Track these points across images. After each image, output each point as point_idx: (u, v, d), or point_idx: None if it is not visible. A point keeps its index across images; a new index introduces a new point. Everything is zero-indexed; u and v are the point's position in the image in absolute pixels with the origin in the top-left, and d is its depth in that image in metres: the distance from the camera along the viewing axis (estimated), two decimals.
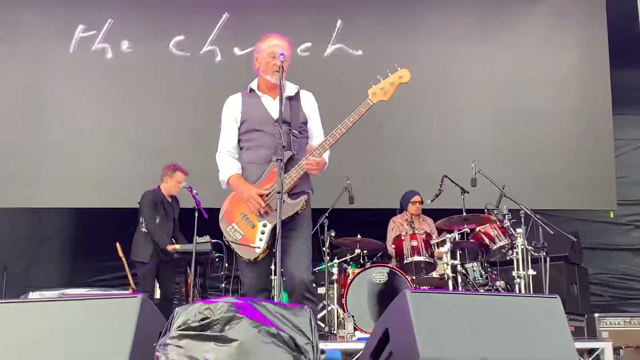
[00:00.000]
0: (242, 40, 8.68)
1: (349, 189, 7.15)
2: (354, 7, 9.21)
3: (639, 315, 6.82)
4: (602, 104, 9.27)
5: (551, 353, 2.80)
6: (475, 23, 9.30)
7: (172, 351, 2.33)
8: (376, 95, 4.10)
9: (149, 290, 6.93)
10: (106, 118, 8.79)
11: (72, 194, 8.58)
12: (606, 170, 9.20)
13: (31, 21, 8.90)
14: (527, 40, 9.33)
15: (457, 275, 6.77)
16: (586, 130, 9.24)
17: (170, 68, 8.90)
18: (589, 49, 9.42)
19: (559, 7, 9.49)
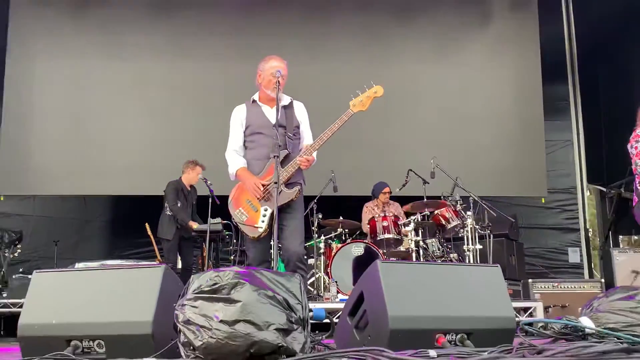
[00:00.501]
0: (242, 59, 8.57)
1: (334, 180, 7.15)
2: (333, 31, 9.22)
3: (564, 281, 6.84)
4: (536, 112, 9.31)
5: (493, 310, 2.79)
6: (432, 47, 9.32)
7: (188, 310, 2.32)
8: (356, 107, 4.14)
9: (172, 262, 6.94)
10: (138, 121, 8.78)
11: (110, 183, 8.58)
12: (539, 165, 9.23)
13: (75, 42, 8.84)
14: (473, 60, 9.35)
15: (419, 249, 6.79)
16: (523, 133, 9.27)
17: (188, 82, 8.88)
18: (525, 66, 9.43)
19: (499, 33, 9.51)
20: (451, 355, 2.18)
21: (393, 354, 2.13)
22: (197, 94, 8.87)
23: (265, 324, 2.22)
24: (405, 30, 9.29)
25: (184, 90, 8.88)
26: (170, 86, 8.87)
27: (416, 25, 9.36)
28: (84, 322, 2.63)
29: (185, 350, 2.31)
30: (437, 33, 9.33)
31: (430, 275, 2.84)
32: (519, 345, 2.44)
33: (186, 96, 8.87)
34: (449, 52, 9.33)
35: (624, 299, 2.88)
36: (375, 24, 9.28)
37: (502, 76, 9.42)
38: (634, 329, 2.71)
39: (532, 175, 9.20)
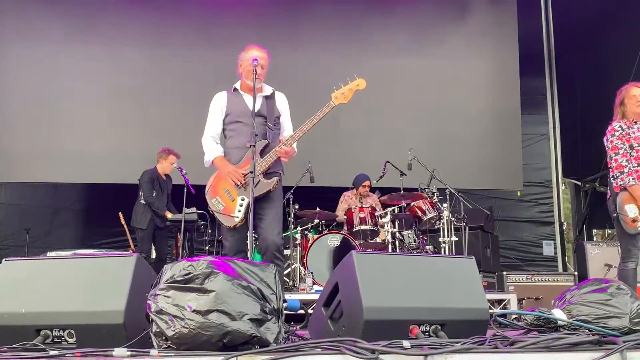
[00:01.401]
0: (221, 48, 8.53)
1: (310, 170, 7.14)
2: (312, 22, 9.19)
3: (538, 273, 6.93)
4: (513, 105, 9.38)
5: (467, 302, 2.82)
6: (411, 39, 9.33)
7: (161, 300, 2.30)
8: (338, 99, 4.15)
9: (146, 251, 6.90)
10: (112, 107, 8.66)
11: (83, 171, 8.47)
12: (515, 158, 9.31)
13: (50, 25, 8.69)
14: (452, 53, 9.38)
15: (395, 240, 6.81)
16: (500, 126, 9.34)
17: (162, 67, 8.78)
18: (503, 60, 9.50)
19: (478, 26, 9.55)
20: (425, 346, 2.20)
21: (367, 344, 2.13)
22: (173, 81, 8.78)
23: (239, 314, 2.21)
24: (385, 21, 9.29)
25: (160, 78, 8.78)
26: (146, 73, 8.78)
27: (395, 17, 9.36)
28: (54, 311, 2.60)
29: (157, 340, 2.29)
30: (416, 25, 9.35)
31: (406, 266, 2.86)
32: (492, 336, 2.47)
33: (162, 84, 8.78)
34: (428, 44, 9.36)
35: (596, 292, 2.93)
36: (355, 15, 9.26)
37: (480, 69, 9.48)
38: (605, 321, 2.76)
39: (508, 168, 9.29)
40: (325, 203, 7.47)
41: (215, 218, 4.12)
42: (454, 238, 6.74)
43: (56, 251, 6.75)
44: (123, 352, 2.18)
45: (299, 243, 6.90)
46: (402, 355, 2.11)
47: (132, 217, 7.06)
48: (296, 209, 6.98)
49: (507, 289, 6.53)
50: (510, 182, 9.42)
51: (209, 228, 7.10)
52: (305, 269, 6.51)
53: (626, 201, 4.49)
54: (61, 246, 7.73)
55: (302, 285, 6.33)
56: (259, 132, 4.01)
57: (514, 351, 2.24)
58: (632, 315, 2.79)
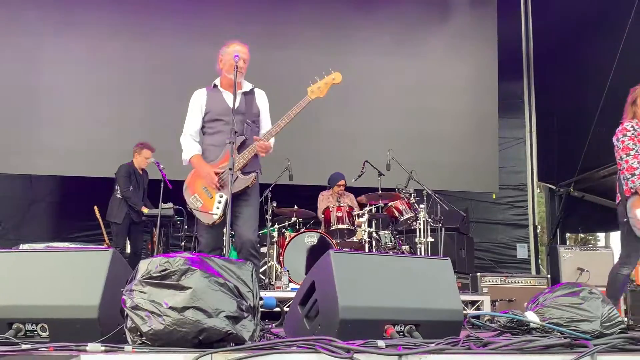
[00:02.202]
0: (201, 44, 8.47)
1: (289, 168, 7.14)
2: (296, 20, 9.17)
3: (511, 275, 7.00)
4: (491, 108, 9.47)
5: (442, 303, 2.84)
6: (393, 40, 9.35)
7: (136, 296, 2.29)
8: (314, 93, 4.15)
9: (121, 246, 6.83)
10: (89, 101, 8.54)
11: (58, 163, 8.37)
12: (491, 161, 9.40)
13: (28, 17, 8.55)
14: (432, 55, 9.45)
15: (372, 240, 6.82)
16: (477, 129, 9.41)
17: (141, 61, 8.70)
18: (482, 63, 9.57)
19: (459, 29, 9.62)
20: (399, 346, 2.21)
21: (342, 343, 2.14)
22: (151, 75, 8.70)
23: (215, 311, 2.21)
24: (366, 21, 9.31)
25: (139, 71, 8.70)
26: (125, 66, 8.68)
27: (377, 17, 9.38)
28: (27, 304, 2.57)
29: (132, 335, 2.28)
30: (397, 26, 9.38)
31: (382, 266, 2.87)
32: (465, 337, 2.50)
33: (141, 77, 8.70)
34: (409, 45, 9.40)
35: (568, 295, 2.97)
36: (337, 13, 9.27)
37: (459, 72, 9.54)
38: (576, 325, 2.80)
39: (485, 171, 9.38)
40: (304, 201, 7.46)
41: (192, 215, 4.11)
42: (430, 239, 6.79)
43: (29, 244, 6.66)
44: (97, 347, 2.16)
45: (276, 241, 6.88)
46: (376, 355, 2.12)
47: (108, 211, 6.99)
48: (274, 206, 6.96)
49: (481, 291, 6.60)
50: (486, 184, 9.51)
51: (185, 224, 7.05)
52: (281, 267, 6.50)
53: (636, 205, 4.35)
54: (34, 239, 7.61)
55: (278, 283, 6.32)
56: (238, 129, 4.00)
57: (487, 352, 2.26)
58: (603, 319, 2.83)
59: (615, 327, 2.84)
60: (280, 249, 6.73)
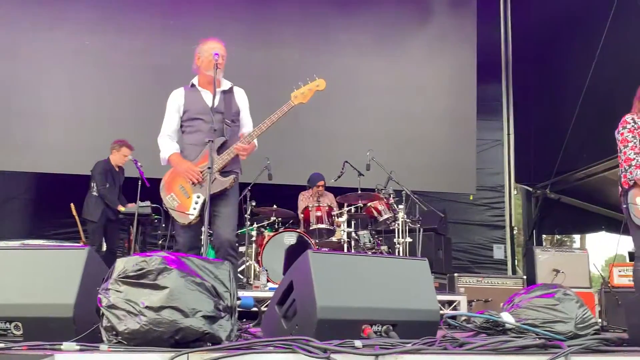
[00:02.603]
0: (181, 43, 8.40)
1: (269, 167, 7.12)
2: (275, 19, 9.14)
3: (488, 276, 7.07)
4: (469, 110, 9.54)
5: (419, 303, 2.86)
6: (373, 41, 9.39)
7: (112, 295, 2.27)
8: (297, 98, 4.15)
9: (97, 244, 6.76)
10: (66, 97, 8.47)
11: (34, 159, 8.26)
12: (469, 163, 9.48)
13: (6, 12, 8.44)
14: (412, 56, 9.51)
15: (351, 240, 6.84)
16: (456, 130, 9.49)
17: (121, 59, 8.61)
18: (461, 65, 9.65)
19: (438, 30, 9.69)
20: (376, 346, 2.22)
21: (319, 343, 2.14)
22: (129, 72, 8.63)
23: (192, 311, 2.20)
24: (347, 22, 9.34)
25: (117, 69, 8.61)
26: (103, 63, 8.60)
27: (358, 18, 9.41)
28: (1, 303, 2.53)
29: (107, 335, 2.26)
30: (378, 27, 9.42)
31: (360, 266, 2.88)
32: (441, 337, 2.51)
33: (120, 74, 8.61)
34: (389, 47, 9.44)
35: (544, 296, 3.00)
36: (317, 14, 9.27)
37: (438, 73, 9.61)
38: (551, 326, 2.83)
39: (463, 172, 9.45)
40: (283, 201, 7.45)
41: (169, 214, 4.08)
42: (408, 239, 6.83)
43: (4, 241, 6.58)
44: (72, 346, 2.14)
45: (254, 240, 6.87)
46: (353, 355, 2.12)
47: (84, 208, 6.91)
48: (253, 205, 6.95)
49: (457, 291, 6.65)
50: (464, 185, 9.58)
51: (162, 222, 7.01)
52: (260, 267, 6.49)
53: (637, 194, 4.33)
54: (9, 236, 7.51)
55: (257, 283, 6.31)
56: (218, 128, 3.97)
57: (463, 353, 2.28)
58: (578, 321, 2.87)
59: (589, 328, 2.88)
60: (259, 249, 6.72)
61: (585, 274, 6.93)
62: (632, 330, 2.95)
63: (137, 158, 6.96)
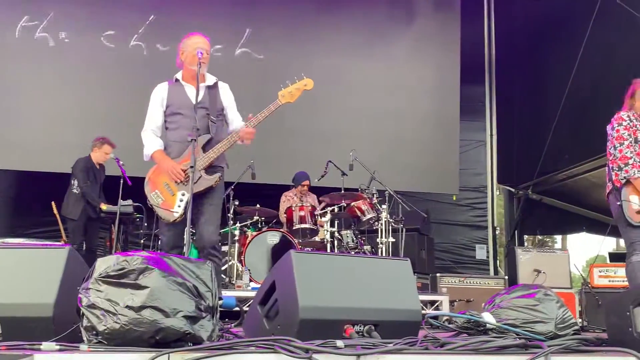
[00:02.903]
0: (165, 38, 8.47)
1: (252, 167, 7.11)
2: (262, 18, 9.11)
3: (470, 276, 7.11)
4: (453, 111, 9.60)
5: (401, 303, 2.87)
6: (357, 41, 9.39)
7: (93, 294, 2.25)
8: (284, 97, 4.14)
9: (78, 243, 6.68)
10: (46, 95, 8.37)
11: (14, 157, 8.18)
12: (452, 163, 9.53)
13: None
14: (396, 57, 9.53)
15: (334, 240, 6.85)
16: (439, 131, 9.53)
17: (103, 56, 8.55)
18: (445, 66, 9.70)
19: (423, 31, 9.74)
20: (358, 346, 2.23)
21: (301, 343, 2.14)
22: (112, 70, 8.56)
23: (173, 310, 2.19)
24: (332, 21, 9.35)
25: (98, 65, 8.53)
26: (83, 59, 8.52)
27: (343, 18, 9.42)
28: None
29: (87, 334, 2.24)
30: (363, 27, 9.43)
31: (343, 266, 2.89)
32: (423, 337, 2.52)
33: (100, 71, 8.54)
34: (373, 47, 9.45)
35: (524, 297, 3.03)
36: (303, 12, 9.27)
37: (423, 74, 9.65)
38: (531, 326, 2.86)
39: (446, 172, 9.50)
40: (266, 200, 7.44)
41: (152, 211, 4.05)
42: (391, 239, 6.85)
43: None
44: (51, 346, 2.12)
45: (237, 239, 6.85)
46: (335, 355, 2.13)
47: (63, 206, 6.82)
48: (236, 205, 6.93)
49: (440, 291, 6.68)
50: (447, 186, 9.63)
51: (144, 221, 6.96)
52: (242, 266, 6.48)
53: (631, 192, 4.24)
54: None
55: (239, 282, 6.30)
56: (202, 124, 3.95)
57: (444, 353, 2.29)
58: (558, 321, 2.89)
59: (569, 328, 2.91)
60: (242, 248, 6.71)
61: (566, 274, 6.99)
62: (611, 330, 2.98)
63: (119, 156, 6.91)
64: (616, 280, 6.31)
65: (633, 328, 2.70)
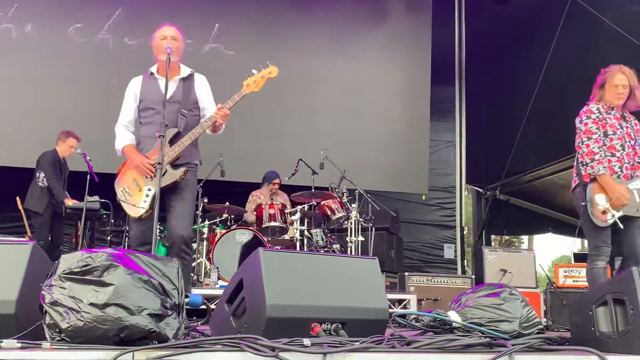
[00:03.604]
0: (132, 32, 8.37)
1: (221, 164, 7.07)
2: (232, 13, 9.05)
3: (437, 275, 7.17)
4: (423, 111, 9.67)
5: (368, 302, 2.88)
6: (328, 39, 9.42)
7: (56, 291, 2.21)
8: (249, 87, 4.09)
9: (44, 239, 6.56)
10: (10, 88, 8.17)
11: None
12: (422, 163, 9.61)
13: None
14: (367, 56, 9.56)
15: (304, 239, 6.85)
16: (409, 131, 9.60)
17: (70, 49, 8.39)
18: (416, 67, 9.78)
19: (394, 32, 9.79)
20: (324, 345, 2.23)
21: (267, 342, 2.14)
22: (80, 63, 8.40)
23: (138, 308, 2.16)
24: (303, 19, 9.34)
25: (64, 58, 8.36)
26: (49, 52, 8.34)
27: (314, 16, 9.42)
28: None
29: (50, 332, 2.21)
30: (334, 25, 9.44)
31: (311, 265, 2.89)
32: (390, 336, 2.54)
33: (67, 64, 8.37)
34: (344, 46, 9.47)
35: (490, 296, 3.06)
36: (273, 8, 9.22)
37: (393, 74, 9.70)
38: (496, 325, 2.89)
39: (415, 172, 9.57)
40: (235, 198, 7.41)
41: (121, 208, 4.01)
42: (360, 238, 6.87)
43: None
44: (13, 343, 2.08)
45: (206, 237, 6.81)
46: (302, 354, 2.12)
47: (27, 199, 6.67)
48: (205, 202, 6.88)
49: (408, 290, 6.72)
50: (416, 185, 9.71)
51: (111, 218, 6.87)
52: (210, 264, 6.44)
53: (596, 191, 4.12)
54: None
55: (207, 280, 6.25)
56: (172, 119, 3.91)
57: (410, 351, 2.31)
58: (522, 320, 2.93)
59: (533, 327, 2.94)
60: (210, 246, 6.66)
61: (531, 274, 7.09)
62: (574, 329, 3.03)
63: (86, 151, 6.80)
64: (581, 281, 6.41)
65: (595, 328, 2.75)
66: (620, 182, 4.14)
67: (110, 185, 4.10)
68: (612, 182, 4.09)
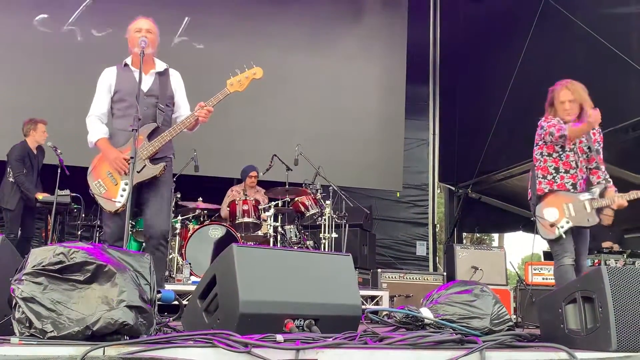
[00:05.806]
0: (100, 24, 8.26)
1: (195, 159, 7.02)
2: (202, 7, 8.95)
3: (409, 272, 7.22)
4: (398, 110, 9.72)
5: (341, 298, 2.89)
6: (305, 36, 9.41)
7: (27, 286, 2.17)
8: (233, 86, 4.07)
9: (15, 233, 6.45)
10: None
11: None
12: (396, 161, 9.66)
13: None
14: (343, 54, 9.58)
15: (277, 235, 6.83)
16: (384, 129, 9.64)
17: (35, 40, 8.22)
18: (391, 65, 9.82)
19: (370, 29, 9.82)
20: (297, 341, 2.23)
21: (240, 337, 2.13)
22: (46, 54, 8.24)
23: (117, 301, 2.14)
24: (280, 16, 9.29)
25: (32, 48, 8.19)
26: (16, 43, 8.15)
27: (290, 12, 9.39)
28: None
29: (19, 327, 2.17)
30: (310, 22, 9.43)
31: (285, 261, 2.89)
32: (362, 332, 2.55)
33: (34, 56, 8.19)
34: (320, 43, 9.47)
35: (461, 293, 3.10)
36: (248, 5, 9.16)
37: (369, 72, 9.73)
38: (468, 322, 2.92)
39: (390, 169, 9.62)
40: (209, 193, 7.37)
41: (92, 202, 3.95)
42: (334, 234, 6.88)
43: None
44: None
45: (178, 232, 6.75)
46: (274, 349, 2.12)
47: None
48: (178, 197, 6.82)
49: (380, 286, 6.75)
50: (390, 183, 9.76)
51: (82, 212, 6.77)
52: (183, 260, 6.39)
53: (547, 205, 4.26)
54: None
55: (179, 276, 6.21)
56: (149, 113, 3.87)
57: (382, 347, 2.32)
58: (493, 317, 2.97)
59: (503, 324, 2.99)
60: (183, 241, 6.61)
61: (502, 271, 7.17)
62: (544, 326, 3.08)
63: (56, 145, 6.67)
64: (550, 278, 6.49)
65: (564, 325, 2.80)
66: (572, 194, 4.25)
67: (81, 179, 4.03)
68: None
